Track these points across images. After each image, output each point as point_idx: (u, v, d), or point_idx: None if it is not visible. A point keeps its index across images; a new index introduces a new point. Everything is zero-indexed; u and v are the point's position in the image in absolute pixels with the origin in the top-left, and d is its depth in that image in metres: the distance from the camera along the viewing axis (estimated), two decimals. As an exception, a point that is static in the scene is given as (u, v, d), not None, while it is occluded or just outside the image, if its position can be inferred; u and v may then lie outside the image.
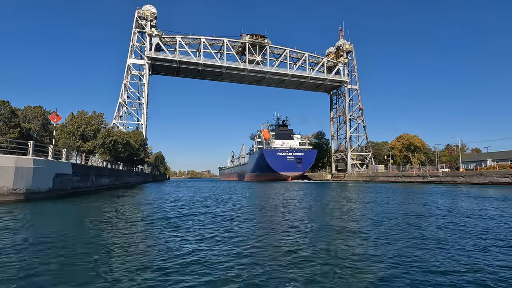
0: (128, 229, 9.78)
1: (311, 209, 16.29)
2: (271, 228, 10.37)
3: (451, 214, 13.53)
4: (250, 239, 8.53)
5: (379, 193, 29.47)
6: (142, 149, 52.80)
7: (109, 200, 19.76)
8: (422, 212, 14.38)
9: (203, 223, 11.17)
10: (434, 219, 12.07)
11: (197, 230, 9.71)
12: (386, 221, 11.61)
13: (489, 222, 11.32)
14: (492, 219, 12.08)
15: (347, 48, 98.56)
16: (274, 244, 7.92)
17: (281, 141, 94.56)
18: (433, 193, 27.24)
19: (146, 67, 78.44)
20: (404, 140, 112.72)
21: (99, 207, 16.26)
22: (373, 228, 10.26)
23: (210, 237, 8.70)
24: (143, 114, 77.19)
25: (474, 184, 49.82)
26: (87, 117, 29.68)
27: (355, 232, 9.48)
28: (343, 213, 14.64)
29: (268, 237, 8.85)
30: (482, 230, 9.81)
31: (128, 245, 7.55)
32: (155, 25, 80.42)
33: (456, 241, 8.19)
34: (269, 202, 20.25)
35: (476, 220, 11.81)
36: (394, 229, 9.92)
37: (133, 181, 47.12)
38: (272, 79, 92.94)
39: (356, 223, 11.42)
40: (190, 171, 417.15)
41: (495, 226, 10.57)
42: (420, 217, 12.78)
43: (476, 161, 65.96)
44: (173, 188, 41.10)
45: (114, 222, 11.02)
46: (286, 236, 8.88)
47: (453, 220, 11.93)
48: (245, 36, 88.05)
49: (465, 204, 18.16)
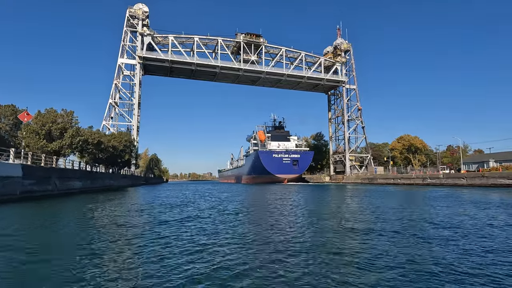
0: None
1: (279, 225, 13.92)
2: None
3: (460, 233, 9.91)
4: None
5: (373, 197, 27.04)
6: (128, 150, 50.72)
7: (60, 205, 17.61)
8: (421, 236, 9.61)
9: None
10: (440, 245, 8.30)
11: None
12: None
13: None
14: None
15: (345, 47, 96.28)
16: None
17: (276, 142, 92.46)
18: (432, 198, 24.76)
19: (138, 67, 76.55)
20: (405, 141, 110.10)
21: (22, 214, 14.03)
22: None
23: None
24: (134, 115, 75.19)
25: (476, 186, 47.20)
26: (53, 115, 27.59)
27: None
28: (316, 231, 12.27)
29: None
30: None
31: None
32: (147, 24, 78.61)
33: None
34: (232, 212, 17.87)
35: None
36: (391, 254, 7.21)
37: (116, 184, 44.93)
38: (268, 79, 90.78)
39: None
40: (191, 173, 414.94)
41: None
42: (420, 243, 8.57)
43: (478, 162, 63.25)
44: (153, 192, 38.88)
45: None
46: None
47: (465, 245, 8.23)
48: (240, 35, 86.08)
49: (472, 215, 15.64)
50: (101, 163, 41.31)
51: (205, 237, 8.96)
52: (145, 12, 78.25)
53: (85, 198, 23.96)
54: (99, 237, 8.69)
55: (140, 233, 9.44)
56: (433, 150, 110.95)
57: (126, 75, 78.24)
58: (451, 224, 11.39)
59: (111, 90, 73.61)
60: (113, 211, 15.38)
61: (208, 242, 8.31)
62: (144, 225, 11.06)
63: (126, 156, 47.28)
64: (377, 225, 11.11)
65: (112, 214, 13.97)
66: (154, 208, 16.89)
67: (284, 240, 8.66)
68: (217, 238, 8.81)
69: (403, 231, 9.92)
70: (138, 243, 8.09)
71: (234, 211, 15.98)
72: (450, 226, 10.86)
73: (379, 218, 13.08)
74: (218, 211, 15.97)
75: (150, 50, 79.08)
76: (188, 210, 16.38)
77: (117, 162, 46.58)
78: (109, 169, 48.72)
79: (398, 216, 13.44)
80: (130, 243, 8.06)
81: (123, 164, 48.37)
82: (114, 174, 46.64)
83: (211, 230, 10.17)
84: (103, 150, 38.82)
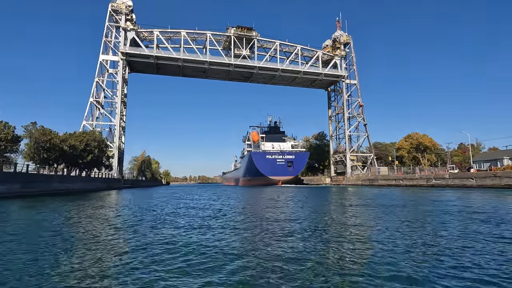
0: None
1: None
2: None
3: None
4: None
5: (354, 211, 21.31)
6: (94, 150, 46.23)
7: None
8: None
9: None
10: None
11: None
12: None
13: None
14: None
15: (345, 39, 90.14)
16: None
17: (270, 143, 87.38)
18: (432, 207, 18.91)
19: (121, 63, 72.50)
20: (413, 139, 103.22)
21: None
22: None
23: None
24: (117, 114, 71.05)
25: (487, 187, 40.60)
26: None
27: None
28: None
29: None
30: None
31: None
32: (131, 19, 74.55)
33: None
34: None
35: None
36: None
37: (76, 187, 40.40)
38: (262, 74, 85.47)
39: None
40: (201, 176, 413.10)
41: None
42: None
43: (490, 160, 56.12)
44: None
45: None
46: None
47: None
48: (230, 29, 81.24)
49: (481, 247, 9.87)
50: (55, 163, 36.88)
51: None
52: (129, 6, 74.33)
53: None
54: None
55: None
56: (444, 149, 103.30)
57: (112, 73, 74.36)
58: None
59: (91, 88, 69.68)
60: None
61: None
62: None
63: (89, 156, 42.71)
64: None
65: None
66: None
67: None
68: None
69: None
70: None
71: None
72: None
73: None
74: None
75: (136, 46, 75.00)
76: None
77: (77, 163, 42.08)
78: (71, 170, 44.32)
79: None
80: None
81: (85, 165, 43.81)
82: (73, 176, 42.18)
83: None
84: (50, 150, 34.29)
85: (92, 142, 45.78)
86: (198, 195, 36.55)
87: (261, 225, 11.24)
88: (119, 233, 9.80)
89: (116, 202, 23.97)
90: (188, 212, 16.43)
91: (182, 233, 9.62)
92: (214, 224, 11.60)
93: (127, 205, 20.66)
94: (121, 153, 74.53)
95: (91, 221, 12.46)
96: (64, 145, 38.43)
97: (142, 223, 11.94)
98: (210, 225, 11.49)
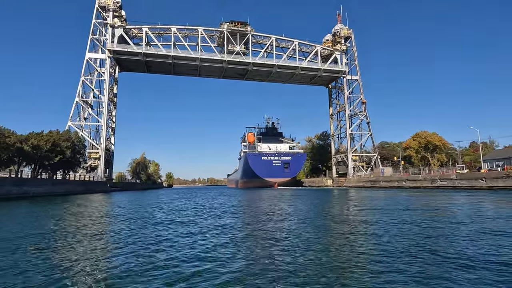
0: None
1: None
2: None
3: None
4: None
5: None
6: (68, 151, 43.11)
7: None
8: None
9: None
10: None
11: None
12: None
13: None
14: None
15: (345, 33, 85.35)
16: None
17: (267, 144, 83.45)
18: (425, 208, 14.60)
19: (108, 61, 69.67)
20: (421, 138, 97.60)
21: None
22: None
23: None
24: (104, 114, 68.13)
25: (498, 189, 35.50)
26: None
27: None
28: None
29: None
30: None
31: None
32: (119, 16, 71.78)
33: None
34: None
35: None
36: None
37: (41, 191, 37.24)
38: (257, 71, 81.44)
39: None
40: (209, 178, 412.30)
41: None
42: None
43: (503, 158, 50.51)
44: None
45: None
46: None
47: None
48: (224, 24, 77.56)
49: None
50: (12, 165, 33.82)
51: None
52: (117, 2, 71.55)
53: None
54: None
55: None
56: (456, 149, 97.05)
57: (101, 72, 71.64)
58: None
59: (77, 87, 67.07)
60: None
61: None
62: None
63: (57, 157, 39.51)
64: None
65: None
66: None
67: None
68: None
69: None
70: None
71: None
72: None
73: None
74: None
75: (125, 44, 72.15)
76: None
77: (43, 165, 38.97)
78: (39, 173, 41.27)
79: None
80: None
81: (52, 166, 40.66)
82: (38, 179, 38.98)
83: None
84: (2, 150, 31.12)
85: (63, 142, 42.64)
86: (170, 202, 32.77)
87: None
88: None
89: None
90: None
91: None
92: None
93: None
94: (110, 154, 71.61)
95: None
96: (26, 145, 35.32)
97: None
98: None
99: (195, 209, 19.57)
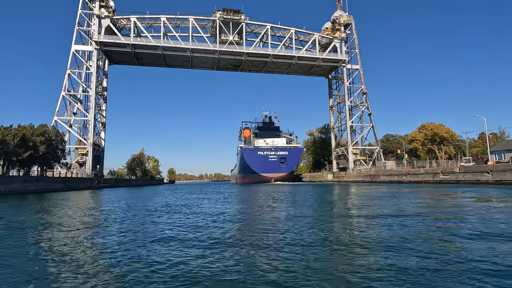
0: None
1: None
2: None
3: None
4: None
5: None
6: (42, 147, 40.72)
7: None
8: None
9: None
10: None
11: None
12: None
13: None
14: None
15: (345, 20, 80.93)
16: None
17: (263, 139, 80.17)
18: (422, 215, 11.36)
19: (95, 53, 67.05)
20: (427, 130, 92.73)
21: None
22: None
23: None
24: (91, 109, 65.73)
25: (507, 183, 31.70)
26: None
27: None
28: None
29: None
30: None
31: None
32: (106, 6, 68.89)
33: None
34: None
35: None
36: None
37: (10, 189, 34.96)
38: (252, 62, 77.92)
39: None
40: (216, 174, 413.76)
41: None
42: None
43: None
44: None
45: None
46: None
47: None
48: (216, 13, 74.02)
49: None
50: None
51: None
52: (104, -9, 68.64)
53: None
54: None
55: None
56: (465, 140, 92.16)
57: (91, 65, 69.13)
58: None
59: (63, 81, 64.72)
60: None
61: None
62: None
63: (26, 153, 37.09)
64: None
65: None
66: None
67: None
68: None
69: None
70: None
71: None
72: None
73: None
74: None
75: (113, 35, 69.36)
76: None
77: (12, 161, 36.63)
78: (9, 169, 38.97)
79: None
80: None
81: (21, 163, 38.32)
82: (8, 176, 36.66)
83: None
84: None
85: (37, 137, 40.19)
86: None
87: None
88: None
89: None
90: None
91: None
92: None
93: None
94: (100, 150, 69.36)
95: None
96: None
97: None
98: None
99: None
